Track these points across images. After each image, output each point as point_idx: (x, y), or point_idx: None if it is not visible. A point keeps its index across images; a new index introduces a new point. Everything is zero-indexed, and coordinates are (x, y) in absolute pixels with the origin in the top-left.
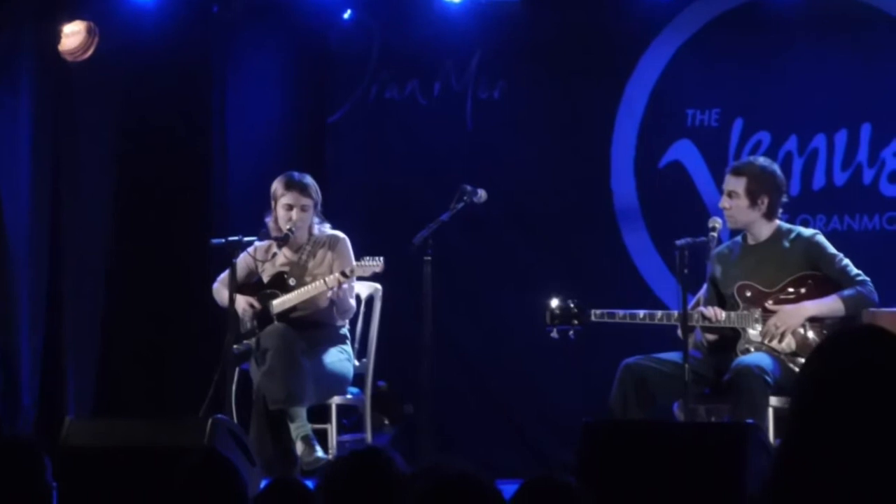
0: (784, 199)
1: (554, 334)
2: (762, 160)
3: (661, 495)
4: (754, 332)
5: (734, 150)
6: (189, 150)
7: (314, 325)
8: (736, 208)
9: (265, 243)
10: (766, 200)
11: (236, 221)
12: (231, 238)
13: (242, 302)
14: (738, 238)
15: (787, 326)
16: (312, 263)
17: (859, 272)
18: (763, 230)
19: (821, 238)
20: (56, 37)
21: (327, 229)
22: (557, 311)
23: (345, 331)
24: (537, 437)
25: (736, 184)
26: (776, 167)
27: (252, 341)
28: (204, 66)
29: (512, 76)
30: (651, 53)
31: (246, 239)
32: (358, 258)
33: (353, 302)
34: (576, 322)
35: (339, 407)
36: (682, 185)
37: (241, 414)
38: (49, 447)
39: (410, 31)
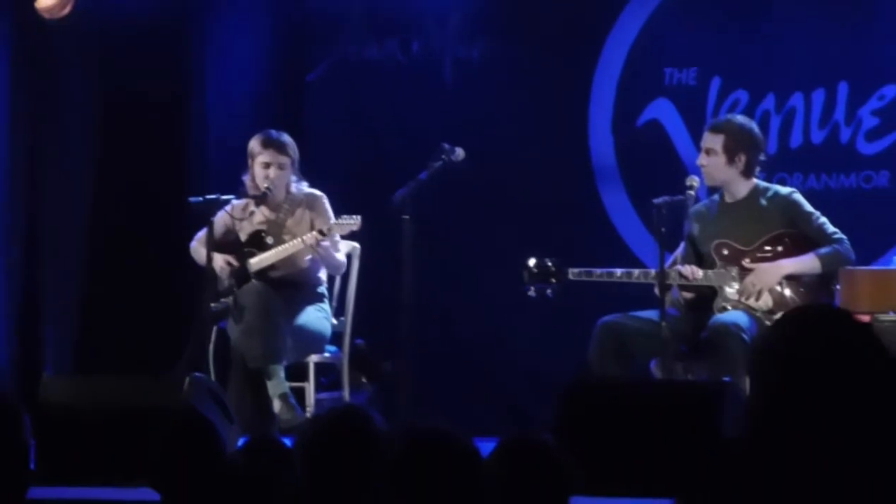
0: (762, 157)
1: (531, 293)
2: (740, 118)
3: (639, 453)
4: (731, 290)
5: (712, 108)
6: (167, 108)
7: (292, 284)
8: (713, 165)
9: (242, 201)
10: (743, 158)
11: (214, 180)
12: (209, 196)
13: (220, 260)
14: (716, 196)
15: (763, 284)
16: (290, 222)
17: (836, 230)
18: (740, 188)
19: (798, 196)
20: None
21: (305, 188)
22: (535, 270)
23: (322, 289)
24: (515, 395)
25: (714, 141)
26: (754, 125)
27: (230, 299)
28: (182, 24)
29: (491, 35)
30: (629, 12)
31: (224, 197)
32: (336, 216)
33: (341, 257)
34: (553, 280)
35: (316, 365)
36: (659, 144)
37: (219, 372)
38: (26, 404)
39: None
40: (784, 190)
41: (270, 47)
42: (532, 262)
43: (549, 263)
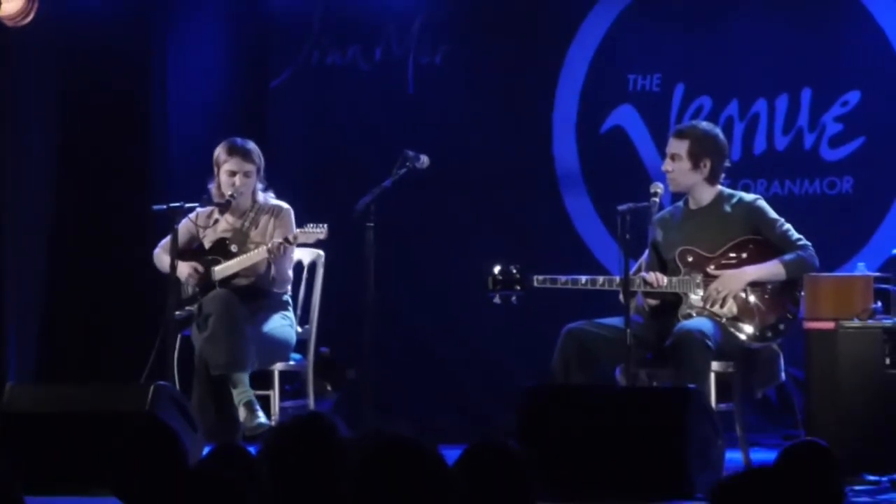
0: (726, 163)
1: (496, 300)
2: (705, 124)
3: (603, 459)
4: (696, 296)
5: (676, 115)
6: (130, 116)
7: (257, 292)
8: (678, 171)
9: (207, 209)
10: (708, 163)
11: (178, 187)
12: (173, 204)
13: (185, 267)
14: (680, 203)
15: (728, 291)
16: (255, 231)
17: (800, 237)
18: (705, 194)
19: (762, 203)
20: None
21: (271, 199)
22: (500, 277)
23: (287, 297)
24: (480, 402)
25: (678, 146)
26: (719, 131)
27: (194, 307)
28: (144, 31)
29: (454, 41)
30: (592, 18)
31: (188, 205)
32: (301, 225)
33: (290, 273)
34: (518, 287)
35: (281, 373)
36: (623, 151)
37: (183, 380)
38: None
39: None
40: (748, 197)
41: (233, 54)
42: (497, 269)
43: (514, 270)
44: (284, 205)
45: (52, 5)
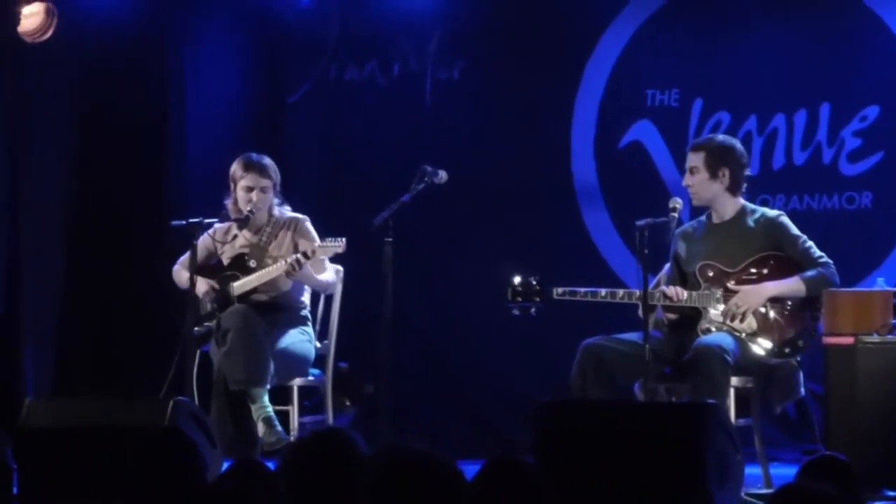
0: (747, 172)
1: (515, 311)
2: (721, 136)
3: (620, 475)
4: (715, 311)
5: (694, 130)
6: (148, 132)
7: (275, 307)
8: (698, 183)
9: (225, 225)
10: (727, 173)
11: (196, 203)
12: (191, 220)
13: (203, 284)
14: (703, 217)
15: (748, 306)
16: (273, 245)
17: (822, 254)
18: (727, 207)
19: (785, 219)
20: (15, 18)
21: (288, 212)
22: (519, 288)
23: (306, 312)
24: (497, 417)
25: (696, 159)
26: (736, 142)
27: (213, 322)
28: (162, 47)
29: (471, 56)
30: (611, 33)
31: (206, 221)
32: (319, 239)
33: (329, 276)
34: (537, 299)
35: (300, 388)
36: (642, 166)
37: (202, 395)
38: (8, 429)
39: (369, 11)
40: (771, 212)
41: (251, 69)
42: (516, 279)
43: (534, 282)
44: (301, 216)
45: (71, 21)
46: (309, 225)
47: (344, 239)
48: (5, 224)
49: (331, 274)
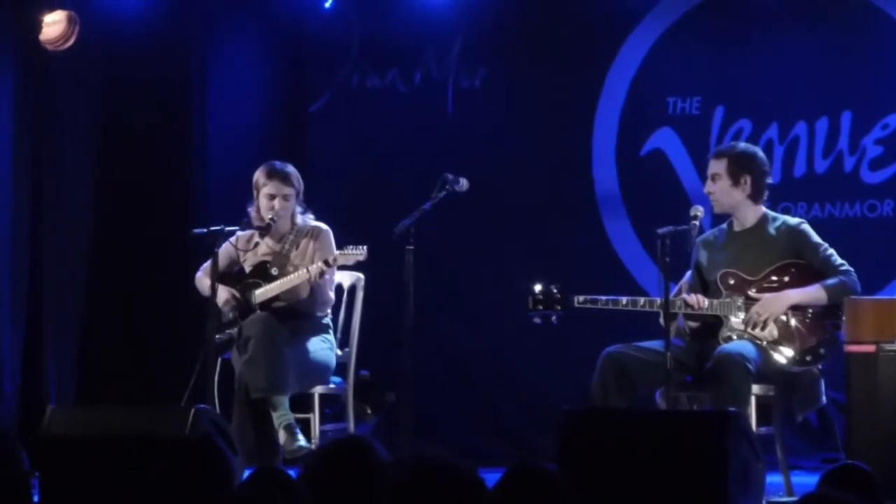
0: (768, 180)
1: (536, 319)
2: (743, 144)
3: (642, 484)
4: (737, 319)
5: (715, 138)
6: (170, 140)
7: (297, 315)
8: (720, 190)
9: (247, 233)
10: (748, 180)
11: (218, 211)
12: (213, 228)
13: (223, 293)
14: (724, 225)
15: (769, 314)
16: (295, 253)
17: (844, 262)
18: (749, 215)
19: (806, 227)
20: (37, 26)
21: (310, 220)
22: (540, 296)
23: (327, 320)
24: (518, 425)
25: (717, 166)
26: (757, 149)
27: (234, 330)
28: (184, 55)
29: (493, 64)
30: (632, 42)
31: (228, 229)
32: (340, 247)
33: (331, 294)
34: (558, 307)
35: (321, 396)
36: (663, 174)
37: (224, 403)
38: (30, 436)
39: (391, 20)
40: (793, 220)
41: (273, 78)
42: (538, 288)
43: (555, 290)
44: (323, 226)
45: (93, 30)
46: (331, 236)
47: (365, 247)
48: (29, 231)
49: (331, 293)
